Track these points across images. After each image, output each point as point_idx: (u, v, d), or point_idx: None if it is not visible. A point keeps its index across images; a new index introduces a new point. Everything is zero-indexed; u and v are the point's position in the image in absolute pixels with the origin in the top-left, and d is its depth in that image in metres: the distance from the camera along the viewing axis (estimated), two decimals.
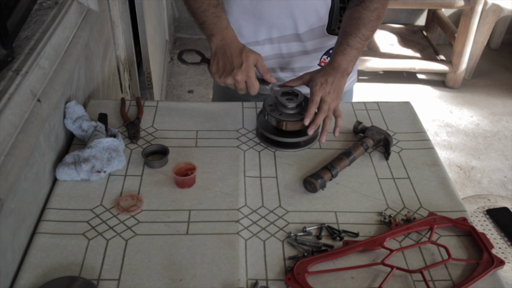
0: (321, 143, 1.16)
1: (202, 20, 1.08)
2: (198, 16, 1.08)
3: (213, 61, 1.08)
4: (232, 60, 1.05)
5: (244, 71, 1.04)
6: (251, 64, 1.06)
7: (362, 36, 1.13)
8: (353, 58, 1.15)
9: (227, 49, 1.06)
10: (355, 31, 1.13)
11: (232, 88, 1.09)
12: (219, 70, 1.07)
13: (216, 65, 1.07)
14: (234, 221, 0.95)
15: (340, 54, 1.14)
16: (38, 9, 1.11)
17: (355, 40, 1.13)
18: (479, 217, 1.60)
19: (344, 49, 1.14)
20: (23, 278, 0.82)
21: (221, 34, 1.07)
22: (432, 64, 3.42)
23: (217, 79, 1.07)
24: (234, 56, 1.05)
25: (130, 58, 1.99)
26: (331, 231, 0.93)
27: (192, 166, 1.03)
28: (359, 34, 1.13)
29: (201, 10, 1.07)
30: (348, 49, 1.14)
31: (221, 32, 1.07)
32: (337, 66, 1.13)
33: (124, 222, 0.93)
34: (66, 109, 1.11)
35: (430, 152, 1.16)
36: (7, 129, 0.79)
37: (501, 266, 0.86)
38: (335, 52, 1.16)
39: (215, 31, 1.07)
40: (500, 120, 3.21)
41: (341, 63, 1.13)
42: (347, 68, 1.14)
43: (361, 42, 1.14)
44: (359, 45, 1.14)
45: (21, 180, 0.86)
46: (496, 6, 3.24)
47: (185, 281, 0.83)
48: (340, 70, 1.13)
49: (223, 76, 1.06)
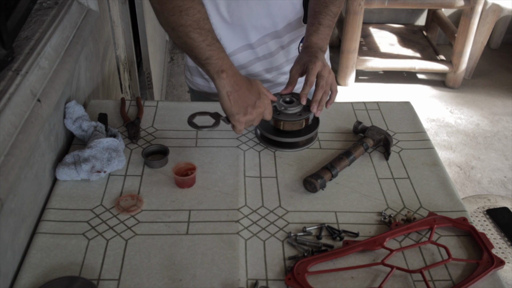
0: (321, 144, 1.16)
1: (208, 55, 0.94)
2: (202, 51, 0.94)
3: (229, 102, 0.96)
4: (250, 95, 0.99)
5: (264, 99, 1.01)
6: (264, 91, 1.03)
7: (331, 13, 1.16)
8: (326, 36, 1.17)
9: (241, 84, 0.98)
10: (324, 9, 1.16)
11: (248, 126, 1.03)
12: (241, 109, 0.98)
13: (236, 104, 0.97)
14: (234, 221, 0.95)
15: (314, 34, 1.16)
16: (38, 9, 1.11)
17: (326, 18, 1.15)
18: (479, 217, 1.60)
19: (317, 28, 1.16)
20: (23, 278, 0.82)
21: (231, 70, 0.97)
22: (432, 64, 3.42)
23: (242, 118, 0.98)
24: (250, 89, 0.99)
25: (130, 58, 1.99)
26: (331, 231, 0.93)
27: (192, 166, 1.03)
28: (328, 11, 1.15)
29: (207, 43, 0.94)
30: (321, 28, 1.16)
31: (230, 68, 0.97)
32: (314, 45, 1.14)
33: (124, 222, 0.93)
34: (66, 109, 1.11)
35: (430, 152, 1.16)
36: (7, 129, 0.79)
37: (501, 266, 0.86)
38: (308, 33, 1.17)
39: (225, 66, 0.95)
40: (500, 120, 3.21)
41: (317, 42, 1.15)
42: (322, 46, 1.16)
43: (331, 19, 1.17)
44: (330, 22, 1.17)
45: (21, 180, 0.86)
46: (496, 6, 3.24)
47: (185, 281, 0.83)
48: (317, 48, 1.14)
49: (248, 113, 0.98)
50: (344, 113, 1.26)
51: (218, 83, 0.95)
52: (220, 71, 0.95)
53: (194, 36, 0.93)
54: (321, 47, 1.15)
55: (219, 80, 0.95)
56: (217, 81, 0.95)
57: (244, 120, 0.98)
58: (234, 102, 0.97)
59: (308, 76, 1.08)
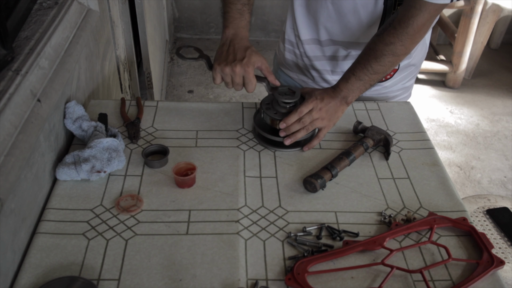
0: (321, 144, 1.16)
1: (226, 10, 1.12)
2: (225, 5, 1.12)
3: (219, 50, 1.09)
4: (236, 53, 1.06)
5: (245, 65, 1.05)
6: (252, 61, 1.05)
7: (370, 68, 1.08)
8: (355, 89, 1.11)
9: (235, 43, 1.08)
10: (364, 62, 1.09)
11: (229, 84, 1.08)
12: (221, 58, 1.07)
13: (220, 53, 1.08)
14: (234, 221, 0.95)
15: (343, 81, 1.12)
16: (38, 9, 1.11)
17: (362, 71, 1.09)
18: (479, 217, 1.60)
19: (349, 77, 1.11)
20: (23, 278, 0.82)
21: (235, 29, 1.10)
22: (432, 64, 3.42)
23: (216, 66, 1.07)
24: (239, 50, 1.07)
25: (130, 58, 1.99)
26: (331, 231, 0.93)
27: (192, 166, 1.03)
28: (368, 66, 1.08)
29: (230, 1, 1.11)
30: (353, 78, 1.10)
31: (235, 28, 1.10)
32: (339, 90, 1.12)
33: (124, 222, 0.93)
34: (66, 109, 1.11)
35: (430, 152, 1.16)
36: (7, 129, 0.79)
37: (501, 266, 0.86)
38: (341, 77, 1.14)
39: (231, 25, 1.10)
40: (500, 120, 3.21)
41: (342, 89, 1.11)
42: (347, 96, 1.11)
43: (369, 75, 1.09)
44: (366, 77, 1.09)
45: (21, 180, 0.86)
46: (496, 6, 3.24)
47: (185, 281, 0.83)
48: (340, 96, 1.12)
49: (222, 64, 1.06)
50: (344, 113, 1.26)
51: (222, 35, 1.11)
52: (226, 26, 1.11)
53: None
54: (345, 95, 1.11)
55: (223, 32, 1.11)
56: (222, 34, 1.11)
57: (220, 69, 1.06)
58: (220, 52, 1.09)
59: (301, 106, 1.09)
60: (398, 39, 1.04)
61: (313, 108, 1.09)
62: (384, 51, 1.06)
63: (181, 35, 4.06)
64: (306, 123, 1.08)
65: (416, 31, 1.03)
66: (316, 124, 1.10)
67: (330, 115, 1.11)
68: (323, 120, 1.10)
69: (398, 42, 1.05)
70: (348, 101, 1.13)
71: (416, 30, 1.03)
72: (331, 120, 1.12)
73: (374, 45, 1.07)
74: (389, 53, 1.06)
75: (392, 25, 1.05)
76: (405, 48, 1.06)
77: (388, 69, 1.10)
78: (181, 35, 4.06)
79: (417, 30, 1.03)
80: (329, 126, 1.13)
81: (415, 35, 1.04)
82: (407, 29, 1.03)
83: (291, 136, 1.09)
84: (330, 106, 1.10)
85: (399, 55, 1.07)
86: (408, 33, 1.03)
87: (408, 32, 1.03)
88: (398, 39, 1.04)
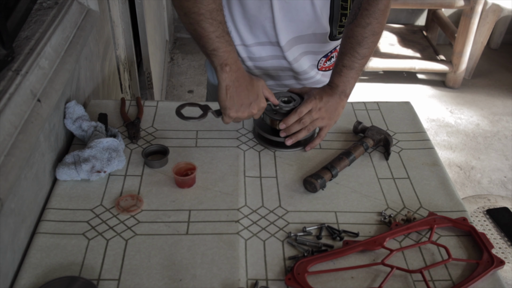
0: (321, 144, 1.16)
1: (215, 46, 0.95)
2: (210, 42, 0.94)
3: (225, 95, 0.98)
4: (248, 94, 1.00)
5: (260, 103, 1.03)
6: (262, 95, 1.04)
7: (357, 55, 1.09)
8: (351, 79, 1.11)
9: (241, 82, 0.99)
10: (350, 51, 1.09)
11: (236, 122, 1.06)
12: (234, 105, 0.99)
13: (231, 100, 0.99)
14: (234, 221, 0.95)
15: (337, 75, 1.12)
16: (38, 9, 1.11)
17: (351, 59, 1.10)
18: (479, 217, 1.60)
19: (340, 70, 1.11)
20: (23, 278, 0.82)
21: (235, 65, 0.98)
22: (432, 64, 3.42)
23: (233, 114, 1.00)
24: (249, 89, 1.01)
25: (130, 58, 1.99)
26: (331, 231, 0.93)
27: (192, 166, 1.03)
28: (354, 53, 1.09)
29: (216, 35, 0.94)
30: (344, 70, 1.10)
31: (235, 63, 0.98)
32: (335, 87, 1.12)
33: (124, 222, 0.93)
34: (66, 109, 1.11)
35: (430, 152, 1.16)
36: (7, 129, 0.79)
37: (501, 266, 0.86)
38: (332, 72, 1.14)
39: (230, 60, 0.96)
40: (500, 120, 3.21)
41: (338, 84, 1.12)
42: (344, 90, 1.12)
43: (358, 61, 1.10)
44: (356, 64, 1.10)
45: (21, 180, 0.86)
46: (496, 6, 3.24)
47: (185, 281, 0.83)
48: (338, 92, 1.11)
49: (240, 111, 1.00)
50: (344, 113, 1.26)
51: (220, 76, 0.97)
52: (224, 64, 0.96)
53: (205, 25, 0.93)
54: (342, 90, 1.11)
55: (222, 73, 0.97)
56: (219, 73, 0.97)
57: (234, 116, 1.01)
58: (230, 96, 0.98)
59: (300, 107, 1.08)
60: (373, 18, 1.07)
61: (312, 108, 1.09)
62: (364, 34, 1.08)
63: (181, 35, 4.06)
64: (307, 123, 1.08)
65: (385, 5, 1.07)
66: (317, 124, 1.10)
67: (330, 114, 1.11)
68: (323, 120, 1.11)
69: (374, 21, 1.07)
70: (347, 94, 1.13)
71: (386, 4, 1.07)
72: (332, 119, 1.12)
73: (352, 32, 1.09)
74: (369, 34, 1.08)
75: (363, 7, 1.07)
76: (381, 25, 1.10)
77: (373, 49, 1.13)
78: (181, 35, 4.06)
79: (386, 4, 1.07)
80: (330, 125, 1.13)
81: (386, 9, 1.08)
82: (378, 6, 1.06)
83: (293, 137, 1.09)
84: (330, 105, 1.10)
85: (378, 33, 1.10)
86: (380, 9, 1.06)
87: (380, 8, 1.06)
88: (373, 17, 1.07)
